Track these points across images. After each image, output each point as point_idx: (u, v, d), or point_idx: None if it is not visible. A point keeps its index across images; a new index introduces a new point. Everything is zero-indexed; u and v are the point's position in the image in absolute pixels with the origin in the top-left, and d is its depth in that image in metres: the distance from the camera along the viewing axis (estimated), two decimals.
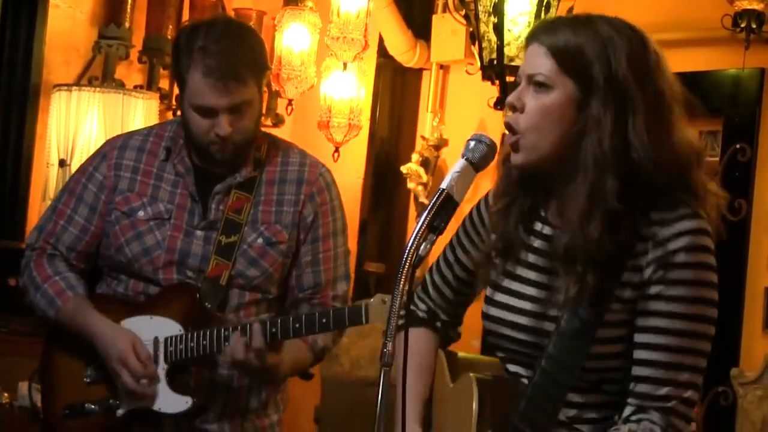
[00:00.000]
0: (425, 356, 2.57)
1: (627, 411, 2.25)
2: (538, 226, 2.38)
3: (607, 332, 2.28)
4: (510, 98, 2.32)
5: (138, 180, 3.21)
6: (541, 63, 2.28)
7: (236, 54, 3.06)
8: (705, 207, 2.26)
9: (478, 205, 2.53)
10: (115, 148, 3.27)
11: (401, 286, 2.10)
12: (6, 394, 4.59)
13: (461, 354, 2.64)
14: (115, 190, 3.21)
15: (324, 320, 3.00)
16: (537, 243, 2.38)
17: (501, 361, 2.45)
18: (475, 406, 2.32)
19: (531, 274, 2.37)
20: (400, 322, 2.52)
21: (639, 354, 2.25)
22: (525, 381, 2.36)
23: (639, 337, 2.25)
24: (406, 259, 2.12)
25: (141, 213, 3.18)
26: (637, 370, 2.25)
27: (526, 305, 2.36)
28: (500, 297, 2.40)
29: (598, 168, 2.23)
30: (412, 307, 2.58)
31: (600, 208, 2.23)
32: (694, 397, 2.25)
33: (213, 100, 3.05)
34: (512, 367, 2.41)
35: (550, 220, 2.37)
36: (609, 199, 2.22)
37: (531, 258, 2.38)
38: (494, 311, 2.41)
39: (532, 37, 2.34)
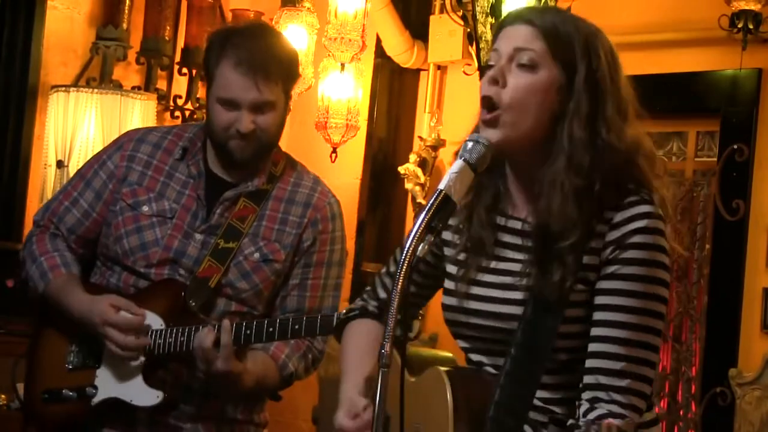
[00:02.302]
0: (368, 339, 2.53)
1: (584, 393, 2.27)
2: (502, 220, 2.41)
3: (573, 312, 2.31)
4: (492, 72, 2.33)
5: (148, 175, 3.22)
6: (532, 41, 2.32)
7: (268, 53, 3.09)
8: (655, 197, 2.33)
9: None
10: (132, 140, 3.29)
11: (399, 286, 2.11)
12: (3, 396, 4.58)
13: (413, 350, 2.63)
14: (124, 181, 3.22)
15: (296, 326, 3.01)
16: (502, 237, 2.41)
17: (463, 351, 2.46)
18: (449, 398, 2.31)
19: (498, 265, 2.40)
20: (353, 314, 2.55)
21: (595, 330, 2.29)
22: (489, 369, 2.38)
23: (596, 315, 2.29)
24: (404, 259, 2.12)
25: (145, 208, 3.19)
26: (593, 347, 2.28)
27: (491, 293, 2.38)
28: (463, 287, 2.41)
29: (573, 153, 2.29)
30: (361, 303, 2.63)
31: (575, 190, 2.29)
32: (649, 373, 2.28)
33: (238, 93, 3.06)
34: (475, 357, 2.43)
35: (514, 214, 2.40)
36: (579, 182, 2.28)
37: (498, 251, 2.40)
38: (459, 302, 2.42)
39: (516, 17, 2.37)
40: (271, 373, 3.16)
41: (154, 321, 3.11)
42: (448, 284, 2.46)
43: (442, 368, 2.40)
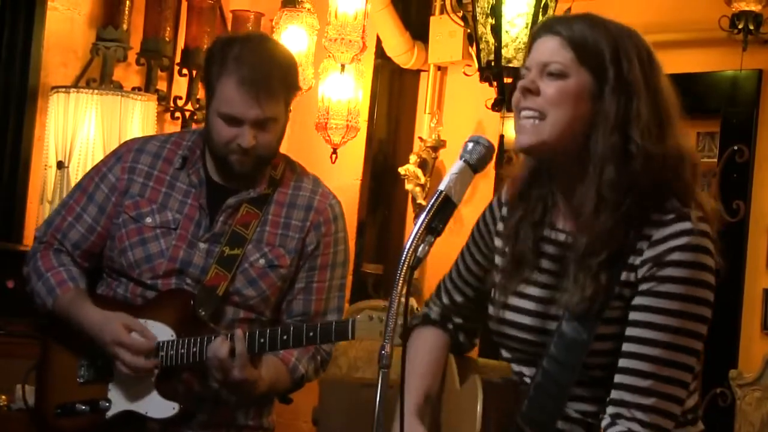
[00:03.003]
0: (429, 353, 2.57)
1: (609, 408, 2.26)
2: (548, 232, 2.41)
3: (608, 329, 2.30)
4: (524, 83, 2.33)
5: (150, 186, 3.21)
6: (558, 53, 2.32)
7: (271, 68, 3.07)
8: (701, 211, 2.29)
9: (484, 215, 2.55)
10: (131, 150, 3.27)
11: (399, 287, 2.10)
12: (3, 397, 4.58)
13: (481, 360, 2.65)
14: (126, 194, 3.21)
15: (311, 333, 2.99)
16: (546, 248, 2.41)
17: (507, 362, 2.47)
18: (479, 407, 2.32)
19: (538, 277, 2.40)
20: (415, 322, 2.57)
21: (626, 347, 2.27)
22: (527, 380, 2.38)
23: (628, 331, 2.28)
24: (404, 260, 2.12)
25: (149, 219, 3.18)
26: (622, 362, 2.27)
27: (530, 305, 2.38)
28: (505, 298, 2.42)
29: (604, 161, 2.27)
30: (425, 310, 2.64)
31: (609, 201, 2.27)
32: (679, 393, 2.25)
33: (242, 110, 3.04)
34: (516, 367, 2.43)
35: (559, 226, 2.40)
36: (614, 191, 2.26)
37: (540, 263, 2.40)
38: (500, 313, 2.42)
39: (544, 29, 2.37)
40: (282, 377, 3.16)
41: (165, 332, 3.10)
42: (493, 293, 2.47)
43: (479, 377, 2.41)
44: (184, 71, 5.78)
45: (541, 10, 4.58)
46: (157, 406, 3.08)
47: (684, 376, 2.25)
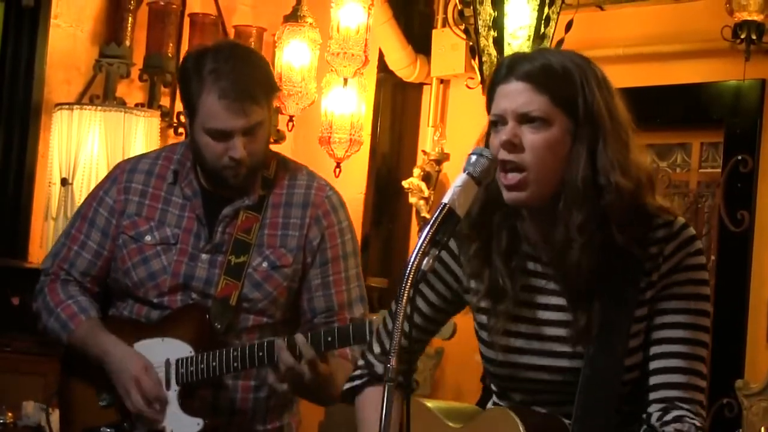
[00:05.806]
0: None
1: (651, 407, 2.29)
2: (530, 265, 2.39)
3: (633, 342, 2.32)
4: (506, 137, 2.29)
5: (146, 204, 3.21)
6: (534, 100, 2.28)
7: (248, 74, 3.06)
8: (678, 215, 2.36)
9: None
10: (124, 171, 3.28)
11: (404, 301, 2.10)
12: (10, 414, 4.58)
13: (430, 403, 2.58)
14: (124, 214, 3.21)
15: (329, 338, 2.98)
16: (535, 282, 2.38)
17: (518, 404, 2.40)
18: None
19: (531, 313, 2.37)
20: (361, 381, 2.54)
21: (657, 348, 2.31)
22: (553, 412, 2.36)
23: (657, 334, 2.32)
24: (409, 274, 2.12)
25: (148, 237, 3.18)
26: (656, 364, 2.30)
27: (554, 347, 2.35)
28: (519, 342, 2.37)
29: (573, 203, 2.27)
30: (363, 363, 2.58)
31: (577, 242, 2.27)
32: (704, 385, 2.33)
33: (229, 123, 3.04)
34: (538, 408, 2.38)
35: (541, 257, 2.38)
36: (582, 233, 2.27)
37: (537, 298, 2.37)
38: (515, 357, 2.37)
39: (509, 73, 2.32)
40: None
41: (183, 348, 3.10)
42: (484, 335, 2.42)
43: (509, 409, 2.35)
44: None
45: (543, 22, 4.59)
46: (182, 424, 3.08)
47: (704, 368, 2.34)
